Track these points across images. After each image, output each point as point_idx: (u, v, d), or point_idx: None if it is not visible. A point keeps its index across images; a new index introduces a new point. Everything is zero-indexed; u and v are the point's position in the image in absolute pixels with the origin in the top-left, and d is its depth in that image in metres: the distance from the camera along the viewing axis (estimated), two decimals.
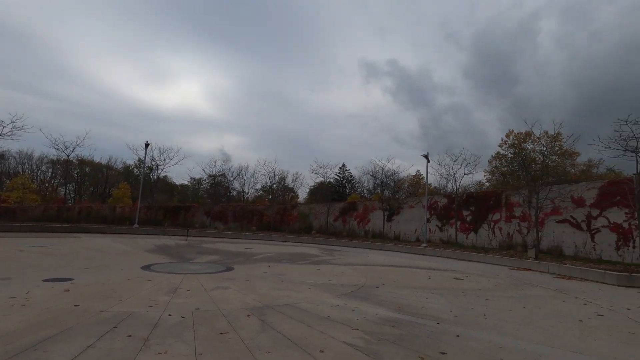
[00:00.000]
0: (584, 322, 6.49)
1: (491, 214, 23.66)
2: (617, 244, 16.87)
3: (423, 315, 6.38)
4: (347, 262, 14.98)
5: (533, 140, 29.79)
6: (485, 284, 10.69)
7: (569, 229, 19.27)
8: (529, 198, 20.50)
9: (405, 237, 28.31)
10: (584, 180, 21.21)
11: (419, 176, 50.27)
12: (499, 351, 4.61)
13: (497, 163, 33.79)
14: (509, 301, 8.21)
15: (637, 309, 7.92)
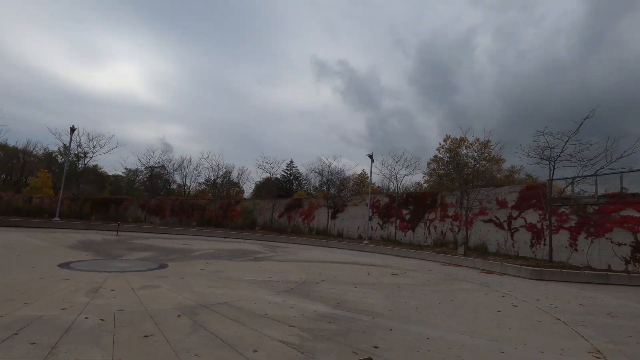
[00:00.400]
0: (501, 313, 7.12)
1: (427, 213, 25.17)
2: (531, 241, 18.92)
3: (360, 311, 6.52)
4: (289, 259, 14.90)
5: (466, 146, 32.26)
6: (419, 279, 11.29)
7: (493, 228, 21.19)
8: (461, 199, 22.15)
9: (348, 234, 29.01)
10: (507, 185, 23.44)
11: (364, 175, 51.88)
12: (427, 342, 4.84)
13: (434, 166, 36.13)
14: (439, 295, 8.75)
15: (544, 300, 8.91)
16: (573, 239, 17.10)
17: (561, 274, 13.27)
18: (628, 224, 15.16)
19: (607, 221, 15.85)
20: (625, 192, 15.61)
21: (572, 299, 9.24)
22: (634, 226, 14.98)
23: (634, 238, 14.90)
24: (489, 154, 33.00)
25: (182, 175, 45.72)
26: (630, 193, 15.40)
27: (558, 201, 17.67)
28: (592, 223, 16.36)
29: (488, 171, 33.37)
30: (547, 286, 11.51)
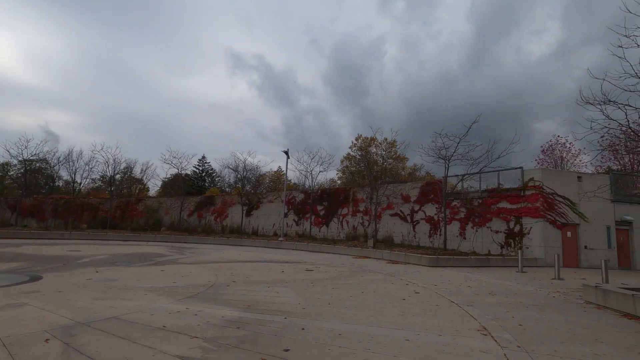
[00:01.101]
0: (405, 300, 7.57)
1: (341, 208, 26.11)
2: (429, 232, 21.01)
3: (272, 311, 6.23)
4: (198, 261, 13.84)
5: (376, 145, 34.43)
6: (332, 273, 11.49)
7: (399, 221, 22.96)
8: (371, 195, 23.48)
9: (263, 232, 28.47)
10: (410, 181, 25.60)
11: (280, 172, 51.62)
12: (338, 339, 4.79)
13: (347, 163, 37.75)
14: (351, 288, 8.97)
15: (441, 285, 9.83)
16: (462, 228, 19.48)
17: (453, 260, 14.94)
18: (503, 214, 17.84)
19: (487, 212, 18.41)
20: (501, 187, 18.32)
21: (463, 282, 10.39)
22: (507, 216, 17.68)
23: (507, 226, 17.61)
24: (395, 153, 35.77)
25: (70, 170, 39.33)
26: (505, 188, 18.14)
27: (451, 196, 19.94)
28: (477, 214, 18.85)
29: (394, 169, 36.15)
30: (443, 272, 12.81)
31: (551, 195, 16.82)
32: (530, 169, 17.99)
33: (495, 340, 4.92)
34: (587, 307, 7.49)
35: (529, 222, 16.86)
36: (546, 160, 31.20)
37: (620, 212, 17.35)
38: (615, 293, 7.25)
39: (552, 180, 17.10)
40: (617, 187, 17.59)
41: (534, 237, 16.57)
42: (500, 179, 18.51)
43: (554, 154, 30.95)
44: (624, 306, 6.96)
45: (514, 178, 17.98)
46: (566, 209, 16.82)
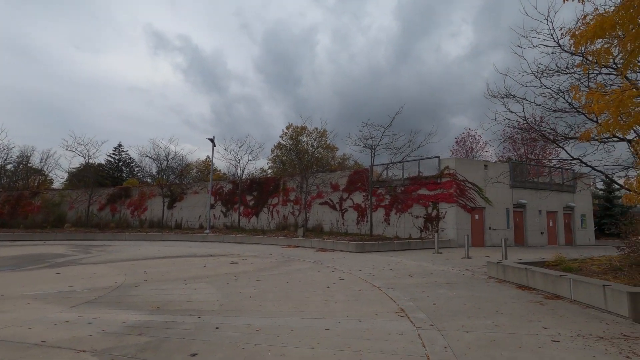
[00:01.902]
0: (330, 288, 7.54)
1: (271, 198, 25.64)
2: (357, 219, 21.72)
3: (185, 311, 5.66)
4: (107, 260, 12.33)
5: (307, 134, 34.40)
6: (258, 265, 11.10)
7: (328, 209, 23.32)
8: (301, 184, 23.41)
9: (188, 225, 26.75)
10: (339, 170, 26.10)
11: (209, 162, 49.09)
12: (255, 335, 4.48)
13: (278, 152, 37.21)
14: (276, 278, 8.70)
15: (365, 269, 10.08)
16: (387, 214, 20.48)
17: (378, 245, 15.59)
18: (422, 200, 19.13)
19: (409, 199, 19.59)
20: (421, 175, 19.59)
21: (385, 266, 10.82)
22: (426, 202, 19.00)
23: (426, 211, 18.94)
24: (325, 142, 36.21)
25: None
26: (424, 176, 19.43)
27: (377, 184, 20.79)
28: (400, 201, 19.94)
29: (325, 158, 36.64)
30: (368, 257, 13.25)
31: (463, 182, 18.47)
32: (446, 158, 19.52)
33: (411, 321, 5.06)
34: (490, 281, 8.27)
35: (444, 207, 18.33)
36: (459, 150, 34.38)
37: (517, 196, 19.81)
38: (512, 268, 8.11)
39: (464, 169, 18.77)
40: (515, 174, 20.02)
41: (448, 221, 18.08)
42: (420, 167, 19.78)
43: (466, 145, 34.26)
44: (519, 279, 7.81)
45: (432, 167, 19.36)
46: (475, 194, 18.65)
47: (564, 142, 8.81)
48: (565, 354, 3.87)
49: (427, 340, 4.24)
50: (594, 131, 4.94)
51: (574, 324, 4.98)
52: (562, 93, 8.03)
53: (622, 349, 4.02)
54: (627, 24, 4.58)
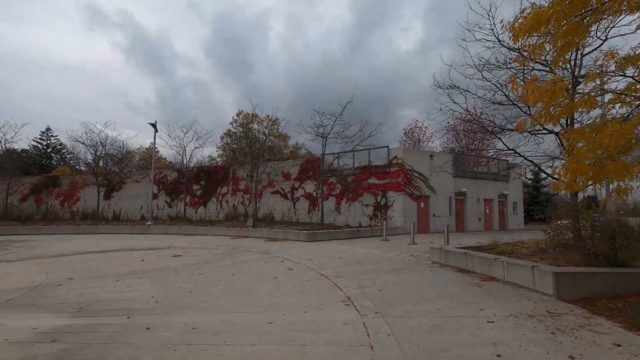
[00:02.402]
0: (277, 279, 7.32)
1: (220, 187, 24.67)
2: (308, 208, 21.67)
3: (113, 311, 5.11)
4: (26, 256, 10.97)
5: (258, 122, 33.47)
6: (203, 257, 10.54)
7: (279, 198, 22.99)
8: (252, 173, 22.75)
9: (128, 216, 24.89)
10: (291, 159, 25.78)
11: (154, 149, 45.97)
12: (190, 334, 4.13)
13: (228, 140, 35.85)
14: (221, 271, 8.28)
15: (315, 259, 10.00)
16: (338, 203, 20.66)
17: (329, 234, 15.65)
18: (372, 189, 19.54)
19: (359, 188, 19.90)
20: (371, 164, 19.95)
21: (335, 255, 10.84)
22: (375, 191, 19.43)
23: (375, 200, 19.39)
24: (277, 130, 35.56)
25: None
26: (374, 165, 19.82)
27: (328, 173, 20.82)
28: (350, 190, 20.19)
29: (277, 147, 36.02)
30: (318, 246, 13.22)
31: (410, 172, 19.13)
32: (394, 148, 20.05)
33: (357, 310, 5.02)
34: (433, 266, 8.60)
35: (392, 195, 18.88)
36: (407, 141, 35.69)
37: (459, 185, 21.02)
38: (453, 253, 8.50)
39: (411, 158, 19.43)
40: (457, 164, 21.17)
41: (396, 209, 18.68)
42: (370, 157, 20.13)
43: (414, 136, 35.64)
44: (459, 263, 8.20)
45: (382, 157, 19.78)
46: (421, 183, 19.43)
47: (501, 134, 9.34)
48: (499, 333, 4.03)
49: (371, 329, 4.20)
50: (528, 122, 5.22)
51: (507, 303, 5.26)
52: (500, 86, 8.45)
53: (548, 325, 4.29)
54: (560, 20, 4.81)
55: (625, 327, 4.24)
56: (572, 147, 4.48)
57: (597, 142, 3.92)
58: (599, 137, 3.89)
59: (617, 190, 4.65)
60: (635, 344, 3.70)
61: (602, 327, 4.25)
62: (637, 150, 4.54)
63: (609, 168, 4.18)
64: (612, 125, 4.01)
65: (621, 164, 4.06)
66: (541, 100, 4.30)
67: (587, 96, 4.45)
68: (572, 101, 4.44)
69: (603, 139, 3.80)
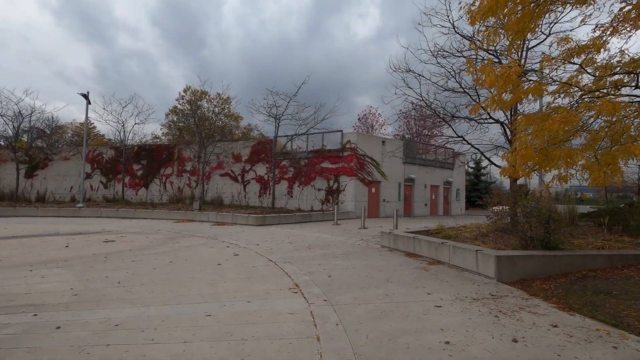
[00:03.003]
0: (221, 265, 6.83)
1: (164, 168, 23.04)
2: (259, 192, 21.04)
3: (18, 307, 4.33)
4: None
5: (208, 100, 31.58)
6: (140, 243, 9.64)
7: (229, 181, 22.04)
8: (199, 153, 21.46)
9: (55, 198, 22.38)
10: (242, 140, 24.75)
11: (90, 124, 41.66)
12: (111, 333, 3.56)
13: (174, 117, 33.51)
14: (159, 258, 7.57)
15: (263, 243, 9.59)
16: (290, 187, 20.28)
17: (279, 218, 15.28)
18: (325, 173, 19.39)
19: (312, 172, 19.65)
20: (324, 148, 19.73)
21: (285, 239, 10.51)
22: (328, 175, 19.31)
23: (328, 184, 19.29)
24: (229, 110, 33.95)
25: None
26: (327, 149, 19.63)
27: (281, 155, 20.28)
28: (303, 174, 19.88)
29: (228, 127, 34.47)
30: (268, 230, 12.80)
31: (362, 157, 19.23)
32: (348, 132, 19.98)
33: (304, 297, 4.74)
34: (383, 250, 8.62)
35: (344, 180, 18.89)
36: (361, 127, 36.04)
37: (408, 171, 21.64)
38: (402, 237, 8.58)
39: (364, 144, 19.52)
40: (407, 151, 21.72)
41: (348, 193, 18.76)
42: (324, 141, 19.89)
43: (367, 122, 36.05)
44: (407, 247, 8.29)
45: (335, 141, 19.62)
46: (372, 169, 19.66)
47: (451, 121, 9.50)
48: (447, 318, 3.98)
49: (319, 319, 3.94)
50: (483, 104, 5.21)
51: (452, 287, 5.32)
52: (454, 73, 8.50)
53: (492, 308, 4.35)
54: (516, 6, 4.75)
55: (559, 307, 4.44)
56: (521, 132, 4.52)
57: (546, 128, 3.96)
58: (548, 123, 3.93)
59: (558, 177, 4.80)
60: (570, 325, 3.84)
61: (540, 308, 4.40)
62: (578, 138, 4.72)
63: (554, 154, 4.27)
64: (560, 113, 4.08)
65: (566, 150, 4.16)
66: (496, 84, 4.25)
67: (537, 83, 4.48)
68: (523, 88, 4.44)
69: (552, 125, 3.83)
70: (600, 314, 4.16)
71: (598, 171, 4.05)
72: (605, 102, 3.66)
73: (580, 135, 4.49)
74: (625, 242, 7.52)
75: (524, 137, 4.47)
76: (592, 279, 5.82)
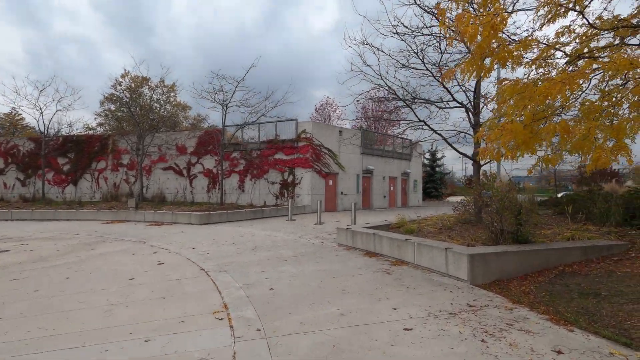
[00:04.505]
0: (134, 280, 5.33)
1: (95, 162, 20.34)
2: (208, 187, 19.20)
3: None
4: None
5: (150, 87, 28.65)
6: (42, 252, 7.74)
7: (173, 175, 19.91)
8: (138, 145, 19.09)
9: None
10: (187, 130, 22.59)
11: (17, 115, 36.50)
12: None
13: (111, 106, 30.07)
14: (54, 272, 5.87)
15: (201, 246, 8.11)
16: (241, 181, 18.67)
17: (227, 215, 13.74)
18: (279, 165, 18.03)
19: (265, 164, 18.21)
20: (278, 138, 18.34)
21: (229, 239, 9.11)
22: (282, 167, 17.98)
23: (282, 177, 17.97)
24: (175, 99, 31.24)
25: None
26: (281, 140, 18.26)
27: (231, 147, 18.57)
28: (255, 166, 18.37)
29: (174, 116, 31.78)
30: (213, 229, 11.28)
31: (319, 147, 18.11)
32: (303, 121, 18.72)
33: (231, 326, 3.49)
34: (339, 249, 7.56)
35: (300, 172, 17.67)
36: (318, 117, 34.92)
37: (366, 162, 20.90)
38: (361, 233, 7.56)
39: (321, 133, 18.39)
40: (365, 142, 20.95)
41: (304, 186, 17.58)
42: (277, 130, 18.47)
43: (325, 113, 35.02)
44: (367, 245, 7.29)
45: (290, 131, 18.29)
46: (329, 160, 18.62)
47: (413, 104, 8.61)
48: (421, 350, 2.94)
49: None
50: (457, 70, 4.25)
51: (421, 296, 4.34)
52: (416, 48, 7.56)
53: (475, 328, 3.38)
54: None
55: (552, 319, 3.59)
56: (504, 103, 3.58)
57: (540, 92, 3.03)
58: (544, 86, 3.01)
59: (544, 160, 3.95)
60: (575, 348, 2.96)
61: (530, 322, 3.51)
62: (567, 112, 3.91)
63: (547, 129, 3.38)
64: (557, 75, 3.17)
65: (562, 124, 3.28)
66: (480, 35, 3.28)
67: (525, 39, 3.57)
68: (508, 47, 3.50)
69: (551, 88, 2.91)
70: (602, 327, 3.35)
71: (599, 149, 3.21)
72: (619, 57, 2.81)
73: (573, 107, 3.67)
74: (591, 231, 7.09)
75: (509, 109, 3.55)
76: (571, 275, 5.15)
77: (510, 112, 3.54)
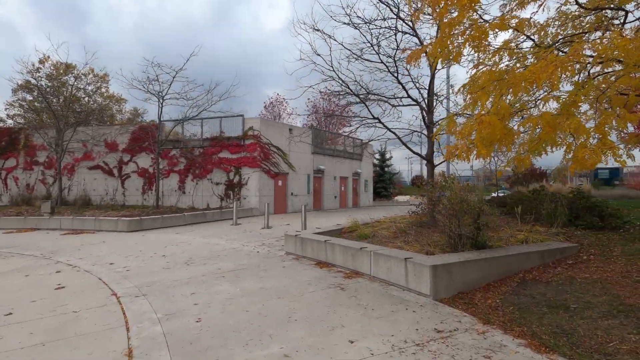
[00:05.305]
0: (11, 317, 4.03)
1: (3, 159, 17.34)
2: (143, 188, 17.25)
3: None
4: None
5: (76, 76, 25.41)
6: None
7: (101, 175, 17.64)
8: (57, 140, 16.56)
9: None
10: (118, 125, 20.27)
11: None
12: None
13: (27, 95, 26.16)
14: None
15: (122, 260, 6.79)
16: (182, 182, 17.02)
17: (163, 220, 12.21)
18: (224, 164, 16.69)
19: (209, 163, 16.76)
20: (223, 135, 16.98)
21: (159, 250, 7.83)
22: (228, 166, 16.67)
23: (228, 177, 16.66)
24: (107, 90, 28.17)
25: None
26: (226, 137, 16.92)
27: (170, 144, 16.83)
28: (198, 165, 16.84)
29: (108, 109, 28.65)
30: (142, 238, 9.82)
31: (267, 146, 17.08)
32: (251, 117, 17.55)
33: None
34: (287, 260, 6.72)
35: (247, 172, 16.50)
36: (268, 115, 33.70)
37: (317, 162, 20.27)
38: (311, 241, 6.79)
39: (269, 131, 17.37)
40: (316, 141, 20.31)
41: (251, 187, 16.45)
42: (223, 127, 17.09)
43: (274, 110, 33.88)
44: (318, 254, 6.55)
45: (236, 127, 17.00)
46: (279, 159, 17.67)
47: (367, 99, 8.05)
48: None
49: None
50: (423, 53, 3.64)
51: (381, 320, 3.66)
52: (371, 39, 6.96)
53: None
54: None
55: (531, 344, 3.10)
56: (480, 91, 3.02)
57: (525, 78, 2.48)
58: (530, 70, 2.47)
59: (516, 159, 3.48)
60: None
61: (509, 350, 2.98)
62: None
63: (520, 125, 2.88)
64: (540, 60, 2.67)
65: (547, 117, 2.78)
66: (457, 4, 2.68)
67: (498, 19, 3.05)
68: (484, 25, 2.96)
69: (543, 71, 2.38)
70: (585, 354, 2.92)
71: (581, 149, 2.76)
72: (616, 34, 2.37)
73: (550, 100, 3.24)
74: (541, 232, 7.03)
75: (483, 98, 3.00)
76: (533, 283, 4.84)
77: (485, 102, 3.00)
